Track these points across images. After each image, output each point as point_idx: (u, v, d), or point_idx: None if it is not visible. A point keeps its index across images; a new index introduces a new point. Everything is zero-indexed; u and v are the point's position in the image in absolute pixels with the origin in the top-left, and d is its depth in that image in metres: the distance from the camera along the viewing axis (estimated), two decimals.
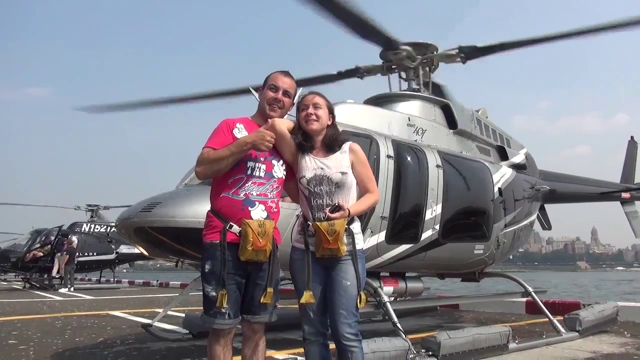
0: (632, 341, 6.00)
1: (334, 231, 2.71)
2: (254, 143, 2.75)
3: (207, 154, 2.80)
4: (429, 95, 7.18)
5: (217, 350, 2.75)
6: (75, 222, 23.67)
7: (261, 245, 2.68)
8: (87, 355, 5.35)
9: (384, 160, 5.54)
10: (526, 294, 6.90)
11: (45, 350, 5.60)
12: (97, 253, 22.81)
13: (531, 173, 8.65)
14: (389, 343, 4.27)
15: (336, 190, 2.86)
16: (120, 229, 4.93)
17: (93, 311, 10.35)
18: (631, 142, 13.88)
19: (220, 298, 2.66)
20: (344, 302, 2.77)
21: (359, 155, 3.00)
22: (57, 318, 8.96)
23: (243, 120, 3.00)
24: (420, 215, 5.86)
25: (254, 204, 2.79)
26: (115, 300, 13.55)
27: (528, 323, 7.83)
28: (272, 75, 3.04)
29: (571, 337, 6.04)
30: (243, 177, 2.82)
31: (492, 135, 7.98)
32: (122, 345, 6.00)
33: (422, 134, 6.47)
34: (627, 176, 13.12)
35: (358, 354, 2.76)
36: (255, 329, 2.86)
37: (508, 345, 5.25)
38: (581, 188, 10.87)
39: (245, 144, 2.76)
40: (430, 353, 4.57)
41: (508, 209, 7.29)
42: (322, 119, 2.95)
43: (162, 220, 4.51)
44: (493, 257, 7.08)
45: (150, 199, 4.89)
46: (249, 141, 2.76)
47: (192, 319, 6.60)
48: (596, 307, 6.89)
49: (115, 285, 22.28)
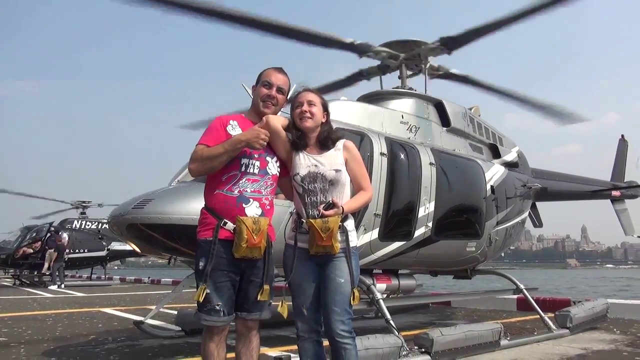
0: (621, 338, 6.07)
1: (327, 228, 2.72)
2: (248, 141, 2.74)
3: (201, 151, 2.79)
4: (422, 92, 7.20)
5: (211, 347, 2.74)
6: (66, 218, 23.51)
7: (255, 243, 2.68)
8: (78, 353, 5.32)
9: (377, 157, 5.55)
10: (517, 291, 6.95)
11: (37, 347, 5.57)
12: (89, 250, 22.67)
13: (523, 171, 8.70)
14: (382, 340, 4.29)
15: (330, 188, 2.86)
16: (113, 226, 4.89)
17: (84, 308, 10.29)
18: (622, 141, 13.99)
19: (199, 292, 2.68)
20: (337, 299, 2.77)
21: (353, 153, 3.00)
22: (48, 315, 8.91)
23: (237, 117, 2.99)
24: (413, 212, 5.88)
25: (249, 201, 2.78)
26: (107, 297, 13.48)
27: (519, 320, 7.88)
28: (265, 72, 3.03)
29: (562, 333, 6.09)
30: (237, 173, 2.81)
31: (485, 133, 8.01)
32: (113, 342, 5.97)
33: (415, 132, 6.49)
34: (618, 174, 13.23)
35: (352, 351, 2.77)
36: (250, 326, 2.86)
37: (500, 341, 5.29)
38: (572, 186, 10.95)
39: (239, 142, 2.75)
40: (423, 350, 4.59)
41: (500, 207, 7.33)
42: (316, 116, 2.95)
43: (155, 217, 4.48)
44: (485, 254, 7.12)
45: (142, 195, 4.85)
46: (243, 139, 2.75)
47: (184, 316, 6.58)
48: (586, 304, 6.95)
49: (106, 282, 22.15)
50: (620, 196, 12.38)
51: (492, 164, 7.52)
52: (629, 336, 6.16)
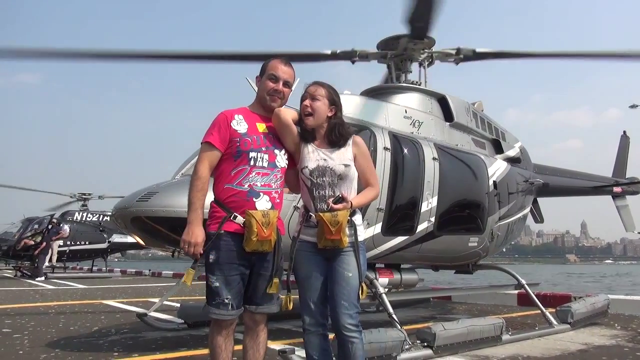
0: (622, 333, 6.09)
1: (336, 222, 2.73)
2: (185, 240, 2.72)
3: (196, 185, 2.78)
4: (425, 87, 7.18)
5: (219, 340, 2.75)
6: (67, 210, 23.49)
7: (265, 236, 2.69)
8: (82, 344, 5.34)
9: (381, 152, 5.56)
10: (519, 286, 6.96)
11: (40, 339, 5.59)
12: (89, 242, 22.69)
13: (525, 167, 8.71)
14: (385, 334, 4.30)
15: (339, 182, 2.87)
16: (117, 219, 4.91)
17: (86, 300, 10.31)
18: (624, 137, 13.99)
19: (187, 274, 2.75)
20: (345, 293, 2.79)
21: (362, 149, 3.00)
22: (50, 307, 8.93)
23: (242, 110, 2.98)
24: (416, 207, 5.89)
25: (259, 195, 2.79)
26: (108, 290, 13.52)
27: (520, 315, 7.92)
28: (271, 64, 2.99)
29: (563, 329, 6.11)
30: (246, 167, 2.80)
31: (488, 129, 8.01)
32: (117, 334, 5.99)
33: (418, 127, 6.49)
34: (619, 170, 13.23)
35: (358, 344, 2.79)
36: (257, 320, 2.87)
37: (501, 336, 5.31)
38: (574, 182, 10.96)
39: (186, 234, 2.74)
40: (426, 344, 4.61)
41: (502, 202, 7.34)
42: (317, 111, 2.93)
43: (159, 210, 4.50)
44: (487, 249, 7.13)
45: (146, 188, 4.87)
46: (185, 238, 2.72)
47: (187, 308, 6.61)
48: (587, 300, 6.96)
49: (107, 275, 22.17)
50: (621, 192, 12.39)
51: (494, 159, 7.52)
52: (630, 332, 6.19)
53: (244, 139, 2.83)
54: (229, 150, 2.83)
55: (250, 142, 2.82)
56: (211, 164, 2.83)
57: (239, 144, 2.81)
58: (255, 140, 2.85)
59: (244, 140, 2.83)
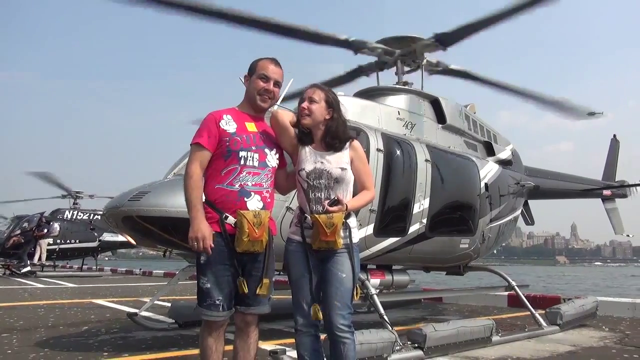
0: (610, 335, 6.15)
1: (332, 224, 2.74)
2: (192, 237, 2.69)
3: (190, 178, 2.75)
4: (418, 89, 7.21)
5: (209, 341, 2.75)
6: (58, 208, 23.33)
7: (257, 236, 2.68)
8: (71, 344, 5.30)
9: (373, 153, 5.57)
10: (509, 287, 7.01)
11: (29, 338, 5.54)
12: (80, 240, 22.56)
13: (517, 169, 8.76)
14: (376, 335, 4.31)
15: (335, 185, 2.88)
16: (108, 218, 4.87)
17: (76, 299, 10.25)
18: (614, 141, 14.13)
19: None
20: (339, 294, 2.80)
21: (359, 153, 3.02)
22: (39, 306, 8.86)
23: (230, 111, 2.96)
24: (408, 209, 5.91)
25: (250, 195, 2.78)
26: (98, 289, 13.43)
27: (510, 316, 7.96)
28: (261, 64, 2.98)
29: (552, 330, 6.16)
30: (237, 167, 2.80)
31: (480, 131, 8.06)
32: (107, 334, 5.96)
33: (411, 128, 6.52)
34: (609, 174, 13.37)
35: (350, 345, 2.80)
36: (248, 321, 2.87)
37: (491, 338, 5.35)
38: (564, 185, 11.05)
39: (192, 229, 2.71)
40: (416, 345, 4.63)
41: (494, 204, 7.39)
42: (314, 113, 2.94)
43: (151, 210, 4.48)
44: (478, 251, 7.17)
45: (138, 187, 4.85)
46: (191, 235, 2.69)
47: (178, 308, 6.58)
48: (577, 302, 7.03)
49: (97, 273, 22.04)
50: (611, 195, 12.53)
51: (486, 161, 7.57)
52: (618, 333, 6.25)
53: (233, 138, 2.82)
54: (219, 150, 2.82)
55: (240, 142, 2.82)
56: (202, 165, 2.81)
57: (228, 144, 2.80)
58: (245, 139, 2.84)
59: (234, 139, 2.82)
